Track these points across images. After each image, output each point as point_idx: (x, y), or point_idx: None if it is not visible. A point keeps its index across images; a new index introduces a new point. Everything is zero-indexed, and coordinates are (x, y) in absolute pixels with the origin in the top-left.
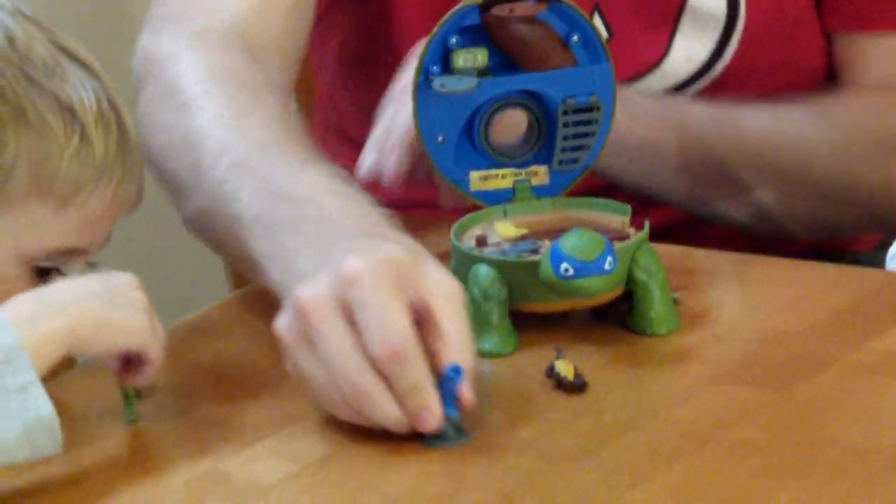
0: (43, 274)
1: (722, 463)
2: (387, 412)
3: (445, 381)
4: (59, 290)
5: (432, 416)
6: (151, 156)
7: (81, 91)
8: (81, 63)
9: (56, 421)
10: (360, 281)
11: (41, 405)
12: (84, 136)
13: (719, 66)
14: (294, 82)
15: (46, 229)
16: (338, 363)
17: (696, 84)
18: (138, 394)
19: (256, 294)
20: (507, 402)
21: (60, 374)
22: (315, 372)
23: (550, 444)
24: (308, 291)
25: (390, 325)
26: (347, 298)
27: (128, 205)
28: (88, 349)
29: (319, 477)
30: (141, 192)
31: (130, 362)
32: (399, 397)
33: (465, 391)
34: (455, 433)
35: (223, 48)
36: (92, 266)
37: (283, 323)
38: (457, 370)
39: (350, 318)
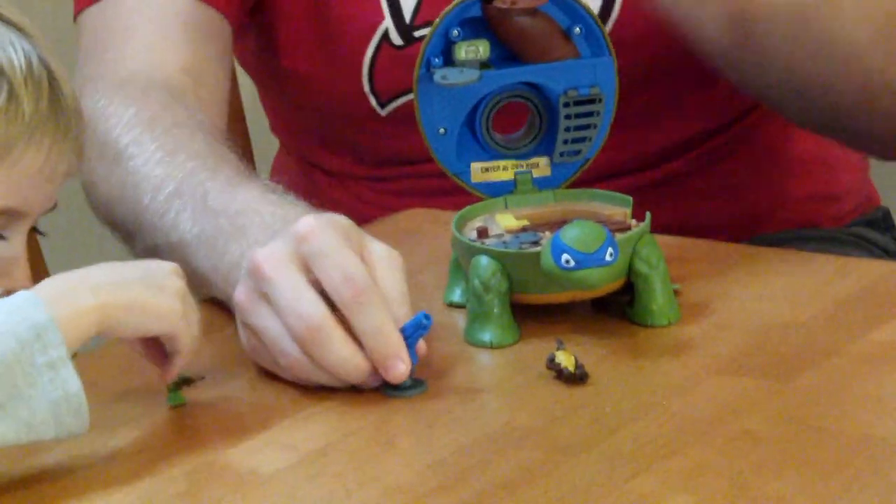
0: None
1: (723, 454)
2: (343, 353)
3: (417, 329)
4: (93, 270)
5: (403, 362)
6: (99, 210)
7: (10, 50)
8: (13, 25)
9: (83, 400)
10: (314, 235)
11: (69, 383)
12: (12, 93)
13: (609, 24)
14: (222, 114)
15: None
16: (291, 302)
17: None
18: (186, 380)
19: None
20: (507, 394)
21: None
22: (269, 325)
23: (551, 435)
24: (262, 251)
25: (352, 268)
26: (303, 252)
27: (66, 167)
28: (119, 330)
29: (319, 466)
30: (80, 155)
31: (162, 349)
32: (365, 341)
33: (422, 342)
34: (414, 383)
35: (144, 96)
36: (40, 234)
37: (238, 291)
38: (428, 317)
39: (306, 269)
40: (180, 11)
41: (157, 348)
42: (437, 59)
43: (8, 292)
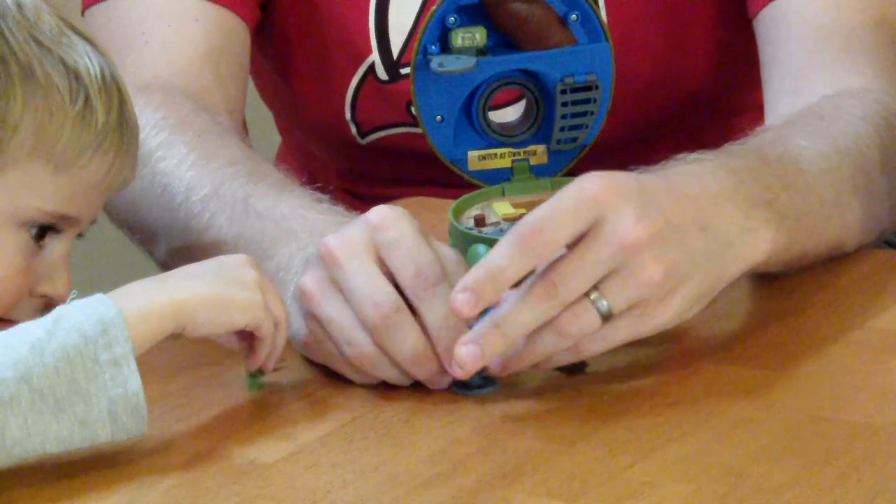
0: (41, 236)
1: (721, 442)
2: (414, 344)
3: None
4: (168, 273)
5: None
6: (119, 213)
7: (87, 59)
8: (85, 38)
9: (142, 399)
10: (389, 224)
11: (130, 381)
12: (88, 101)
13: None
14: (240, 115)
15: (43, 192)
16: (364, 289)
17: None
18: (262, 371)
19: None
20: (505, 382)
21: None
22: (338, 313)
23: (549, 423)
24: (335, 237)
25: (425, 260)
26: (376, 241)
27: (122, 180)
28: (200, 327)
29: (317, 456)
30: (135, 169)
31: (250, 338)
32: (432, 333)
33: None
34: (484, 381)
35: (169, 101)
36: (80, 237)
37: (306, 278)
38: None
39: (379, 259)
40: (195, 13)
41: (244, 338)
42: (433, 47)
43: (47, 297)
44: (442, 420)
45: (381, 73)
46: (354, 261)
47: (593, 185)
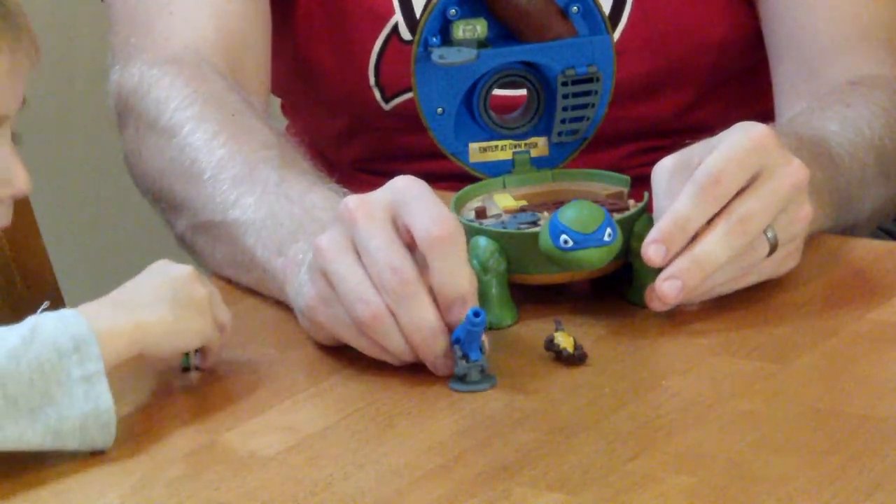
0: None
1: (722, 434)
2: (427, 313)
3: (467, 325)
4: (129, 292)
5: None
6: (144, 182)
7: None
8: None
9: (113, 416)
10: (409, 188)
11: (102, 398)
12: None
13: (617, 33)
14: (266, 89)
15: None
16: (385, 253)
17: None
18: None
19: None
20: (506, 375)
21: None
22: (352, 272)
23: (550, 416)
24: (355, 199)
25: (445, 216)
26: (396, 201)
27: (29, 62)
28: (158, 352)
29: (318, 449)
30: (38, 49)
31: None
32: (440, 280)
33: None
34: (481, 377)
35: (199, 74)
36: (17, 137)
37: (323, 236)
38: (478, 313)
39: (395, 225)
40: None
41: None
42: (434, 39)
43: (14, 196)
44: (443, 412)
45: (405, 33)
46: (374, 222)
47: (755, 133)
